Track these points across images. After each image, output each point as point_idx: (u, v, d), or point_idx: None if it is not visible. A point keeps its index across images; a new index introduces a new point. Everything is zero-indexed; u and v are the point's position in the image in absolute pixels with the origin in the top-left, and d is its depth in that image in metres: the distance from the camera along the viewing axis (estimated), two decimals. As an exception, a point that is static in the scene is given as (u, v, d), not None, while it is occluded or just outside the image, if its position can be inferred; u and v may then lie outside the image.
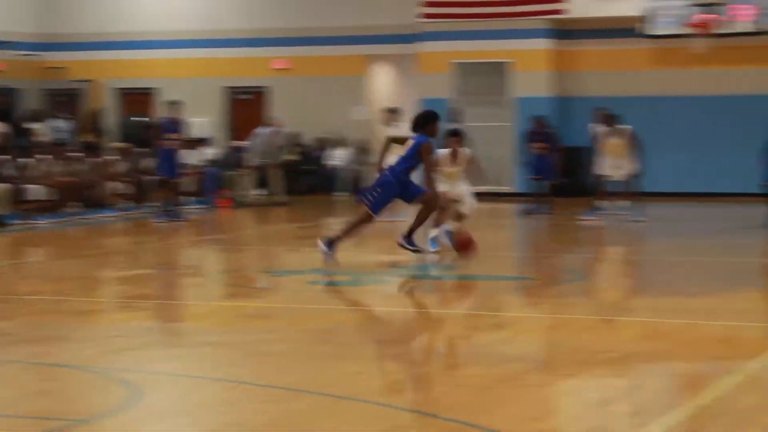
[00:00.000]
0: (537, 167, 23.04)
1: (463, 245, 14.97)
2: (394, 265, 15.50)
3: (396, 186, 14.23)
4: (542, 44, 27.71)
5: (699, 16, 22.54)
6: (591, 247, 18.97)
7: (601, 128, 21.75)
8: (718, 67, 26.62)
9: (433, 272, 15.06)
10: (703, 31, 22.52)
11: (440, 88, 28.28)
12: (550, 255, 17.53)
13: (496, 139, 27.47)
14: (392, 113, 21.81)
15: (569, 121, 27.51)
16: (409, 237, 14.41)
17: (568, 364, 9.07)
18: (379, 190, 14.33)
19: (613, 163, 21.35)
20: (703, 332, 10.53)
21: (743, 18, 23.68)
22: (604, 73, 27.85)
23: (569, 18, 27.45)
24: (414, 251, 14.51)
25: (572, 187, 26.20)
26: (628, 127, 21.58)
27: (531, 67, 27.69)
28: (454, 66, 28.28)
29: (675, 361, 9.34)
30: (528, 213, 22.94)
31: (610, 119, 21.54)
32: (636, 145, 21.44)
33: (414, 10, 28.49)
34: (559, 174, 23.29)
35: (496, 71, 27.99)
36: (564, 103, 27.85)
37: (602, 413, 7.66)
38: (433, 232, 15.47)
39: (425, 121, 14.56)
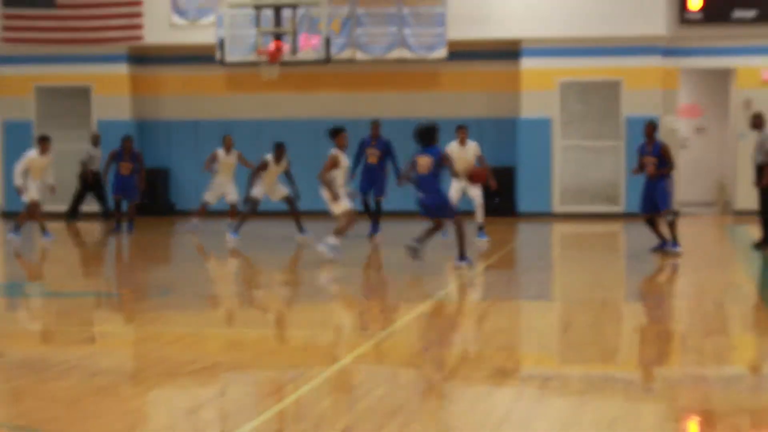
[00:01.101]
0: (121, 187, 22.69)
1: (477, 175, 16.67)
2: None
3: None
4: (122, 69, 27.44)
5: (270, 45, 22.92)
6: (175, 263, 18.95)
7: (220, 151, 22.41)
8: (287, 93, 27.25)
9: (23, 290, 14.64)
10: (274, 59, 22.91)
11: (23, 111, 27.51)
12: (135, 271, 17.39)
13: (77, 161, 26.99)
14: (43, 141, 20.98)
15: (148, 143, 27.40)
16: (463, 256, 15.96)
17: (157, 375, 9.06)
18: (447, 201, 16.00)
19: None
20: (282, 342, 10.76)
21: (309, 47, 24.31)
22: (182, 98, 27.91)
23: (147, 45, 27.34)
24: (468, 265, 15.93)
25: (151, 207, 26.21)
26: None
27: (112, 92, 27.39)
28: (37, 89, 27.56)
29: (258, 369, 9.51)
30: (111, 232, 22.59)
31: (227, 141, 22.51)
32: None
33: (-5, 33, 27.59)
34: (141, 194, 23.10)
35: (79, 95, 27.50)
36: (143, 127, 27.70)
37: (190, 421, 7.71)
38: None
39: (434, 134, 15.68)
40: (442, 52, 26.03)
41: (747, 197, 23.96)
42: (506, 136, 26.47)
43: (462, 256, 15.89)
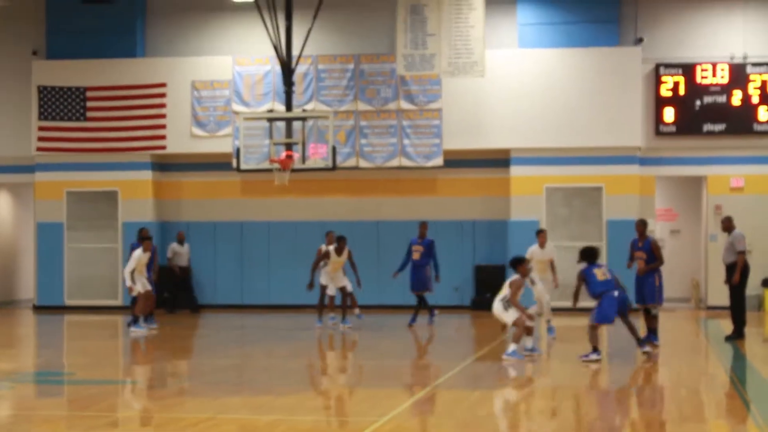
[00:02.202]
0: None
1: None
2: (10, 372, 14.91)
3: None
4: (146, 175, 27.63)
5: (281, 154, 23.09)
6: (192, 353, 18.89)
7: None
8: (297, 197, 27.39)
9: (50, 378, 14.59)
10: (285, 166, 23.07)
11: (55, 214, 27.64)
12: (157, 361, 17.34)
13: (105, 259, 27.11)
14: (147, 240, 21.40)
15: (170, 243, 27.42)
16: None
17: (176, 458, 9.01)
18: None
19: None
20: (289, 426, 10.70)
21: (317, 156, 24.50)
22: (201, 202, 28.05)
23: (169, 153, 27.56)
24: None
25: (171, 301, 26.24)
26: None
27: (137, 196, 27.53)
28: (69, 194, 27.71)
29: (268, 451, 9.46)
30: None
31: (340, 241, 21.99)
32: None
33: (31, 142, 27.81)
34: (156, 288, 23.09)
35: (107, 199, 27.64)
36: (165, 228, 27.81)
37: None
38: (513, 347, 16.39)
39: (598, 253, 16.81)
40: (438, 161, 26.23)
41: (718, 294, 23.97)
42: (498, 237, 26.56)
43: (641, 342, 16.72)
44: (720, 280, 20.08)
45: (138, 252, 21.25)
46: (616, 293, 16.33)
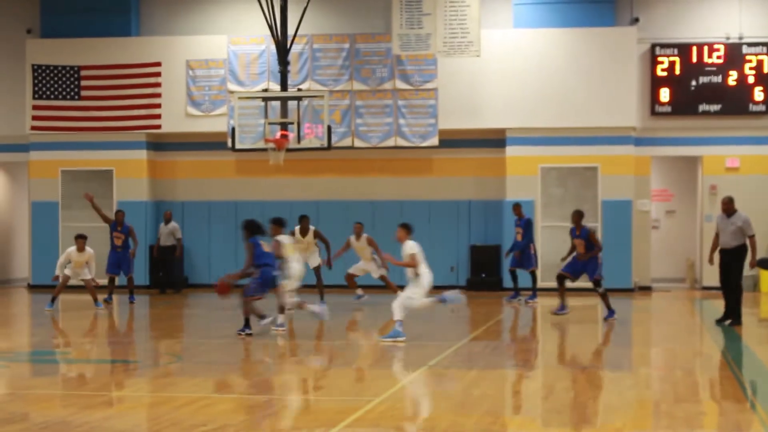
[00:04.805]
0: (116, 264, 22.74)
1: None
2: (5, 351, 14.89)
3: None
4: (141, 155, 27.57)
5: (276, 134, 23.04)
6: (185, 332, 18.87)
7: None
8: (291, 177, 27.34)
9: (45, 357, 14.57)
10: (280, 146, 23.01)
11: (50, 193, 27.59)
12: (150, 340, 17.32)
13: (99, 239, 26.98)
14: (78, 239, 21.84)
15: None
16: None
17: (170, 437, 8.99)
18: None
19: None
20: (286, 406, 10.67)
21: (312, 136, 24.46)
22: (196, 181, 28.00)
23: (164, 133, 27.50)
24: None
25: (157, 280, 26.31)
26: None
27: (131, 175, 27.49)
28: (63, 173, 27.66)
29: (263, 431, 9.43)
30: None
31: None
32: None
33: (25, 121, 27.73)
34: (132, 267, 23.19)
35: (102, 178, 27.59)
36: (160, 207, 27.76)
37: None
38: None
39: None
40: (434, 141, 26.19)
41: (714, 274, 23.95)
42: (493, 217, 26.55)
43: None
44: (715, 261, 19.88)
45: (70, 249, 21.85)
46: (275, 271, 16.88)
